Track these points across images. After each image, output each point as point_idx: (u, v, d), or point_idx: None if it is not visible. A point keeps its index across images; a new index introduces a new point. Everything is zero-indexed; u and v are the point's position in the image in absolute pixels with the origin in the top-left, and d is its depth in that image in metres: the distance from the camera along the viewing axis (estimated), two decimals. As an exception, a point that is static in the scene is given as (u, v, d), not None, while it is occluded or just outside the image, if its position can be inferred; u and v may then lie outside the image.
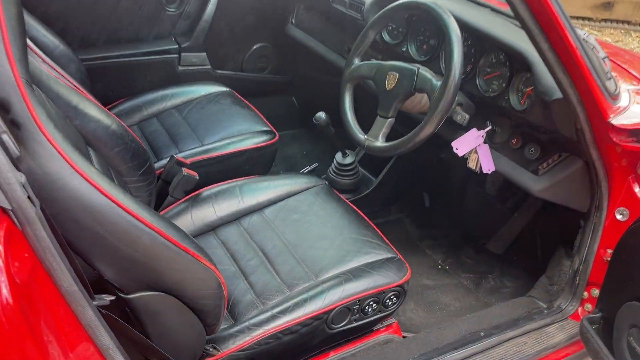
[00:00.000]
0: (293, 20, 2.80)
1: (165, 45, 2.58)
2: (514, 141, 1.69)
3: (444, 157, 2.55)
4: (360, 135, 1.79)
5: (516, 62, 1.62)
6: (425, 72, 1.64)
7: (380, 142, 1.72)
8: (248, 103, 2.47)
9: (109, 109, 2.32)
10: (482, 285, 2.17)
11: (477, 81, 1.74)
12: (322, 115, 2.15)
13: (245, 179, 1.93)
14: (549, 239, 2.21)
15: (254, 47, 2.89)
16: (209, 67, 2.72)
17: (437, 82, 1.58)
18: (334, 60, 2.48)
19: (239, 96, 2.50)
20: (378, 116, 1.76)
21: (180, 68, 2.63)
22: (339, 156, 2.32)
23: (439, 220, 2.52)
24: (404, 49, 2.03)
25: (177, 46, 2.59)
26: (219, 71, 2.77)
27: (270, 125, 2.35)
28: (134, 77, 2.53)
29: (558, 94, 1.39)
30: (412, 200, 2.55)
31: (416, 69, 1.66)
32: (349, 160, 2.29)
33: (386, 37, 2.09)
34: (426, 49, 1.97)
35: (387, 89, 1.73)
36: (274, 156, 2.30)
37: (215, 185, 1.88)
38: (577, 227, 1.83)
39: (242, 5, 2.75)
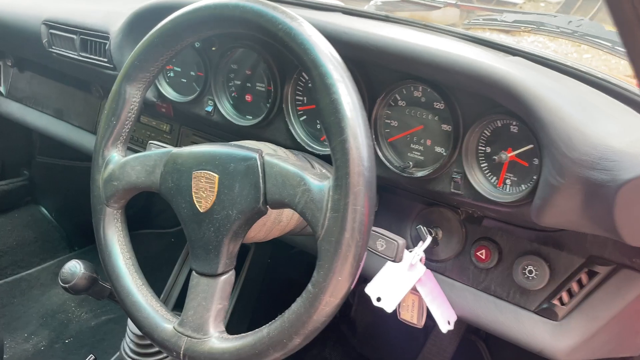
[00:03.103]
0: (1, 89, 1.64)
1: None
2: (480, 254, 0.83)
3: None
4: (165, 324, 0.76)
5: (470, 101, 0.75)
6: (278, 161, 0.69)
7: (216, 340, 0.71)
8: None
9: None
10: None
11: (381, 153, 0.85)
12: (73, 267, 1.06)
13: None
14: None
15: (-58, 144, 1.68)
16: None
17: (318, 183, 0.64)
18: (86, 144, 1.41)
19: None
20: (194, 274, 0.76)
21: None
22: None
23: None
24: (208, 109, 1.05)
25: None
26: None
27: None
28: None
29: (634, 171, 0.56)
30: None
31: (256, 153, 0.70)
32: (154, 324, 1.22)
33: (168, 90, 1.10)
34: (252, 100, 1.02)
35: (200, 210, 0.74)
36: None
37: None
38: None
39: None
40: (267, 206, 0.70)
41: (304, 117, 0.95)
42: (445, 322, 0.82)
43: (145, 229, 2.12)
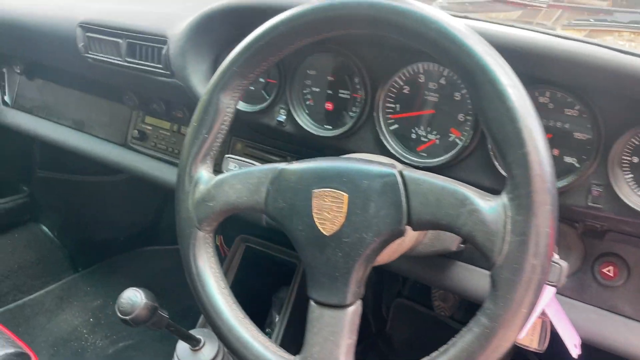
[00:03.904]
0: (6, 98, 1.50)
1: None
2: (607, 271, 0.78)
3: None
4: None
5: (617, 107, 0.69)
6: (426, 177, 0.62)
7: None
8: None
9: None
10: None
11: (498, 163, 0.79)
12: (133, 296, 0.95)
13: None
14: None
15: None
16: None
17: (489, 202, 0.57)
18: (114, 157, 1.30)
19: None
20: (315, 305, 0.67)
21: None
22: (184, 350, 1.13)
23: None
24: (280, 119, 0.97)
25: None
26: None
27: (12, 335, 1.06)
28: None
29: None
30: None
31: (394, 169, 0.63)
32: (208, 354, 1.12)
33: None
34: (333, 109, 0.94)
35: (324, 233, 0.66)
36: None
37: None
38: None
39: None
40: (409, 227, 0.63)
41: (396, 125, 0.88)
42: (572, 345, 0.77)
43: (151, 246, 1.99)
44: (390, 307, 1.62)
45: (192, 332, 1.13)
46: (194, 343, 1.11)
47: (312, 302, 0.68)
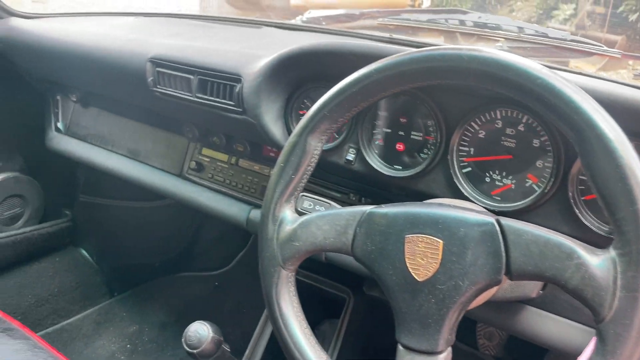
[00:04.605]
0: (59, 124, 1.53)
1: None
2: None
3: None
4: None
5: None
6: (528, 228, 0.62)
7: None
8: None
9: None
10: None
11: (578, 211, 0.79)
12: (201, 329, 0.96)
13: None
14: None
15: (-11, 183, 1.55)
16: None
17: (598, 257, 0.57)
18: (170, 187, 1.31)
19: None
20: (403, 349, 0.68)
21: None
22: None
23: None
24: (349, 158, 0.98)
25: None
26: None
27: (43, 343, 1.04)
28: None
29: None
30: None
31: (492, 218, 0.64)
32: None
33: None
34: (404, 150, 0.95)
35: (418, 279, 0.67)
36: None
37: None
38: None
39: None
40: (507, 277, 0.63)
41: (469, 169, 0.89)
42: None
43: (186, 272, 2.00)
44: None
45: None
46: (250, 378, 1.12)
47: (400, 347, 0.68)
